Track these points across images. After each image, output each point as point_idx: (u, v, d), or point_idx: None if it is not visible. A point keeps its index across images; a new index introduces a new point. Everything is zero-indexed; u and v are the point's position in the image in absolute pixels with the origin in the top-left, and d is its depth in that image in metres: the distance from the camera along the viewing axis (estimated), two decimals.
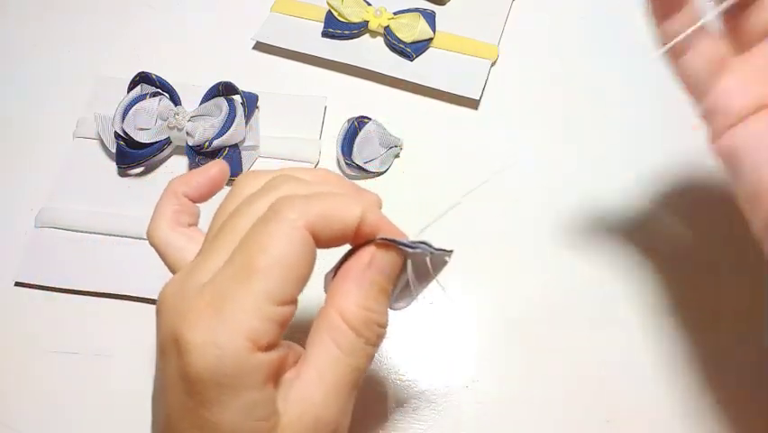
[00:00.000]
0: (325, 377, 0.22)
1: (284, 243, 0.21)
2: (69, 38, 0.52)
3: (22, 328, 0.40)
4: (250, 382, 0.21)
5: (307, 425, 0.22)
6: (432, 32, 0.47)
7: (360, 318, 0.22)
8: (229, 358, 0.20)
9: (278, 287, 0.21)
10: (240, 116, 0.42)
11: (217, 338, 0.20)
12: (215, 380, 0.20)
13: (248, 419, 0.21)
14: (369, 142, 0.43)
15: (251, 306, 0.21)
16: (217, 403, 0.20)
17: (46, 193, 0.44)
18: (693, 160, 0.44)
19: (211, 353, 0.20)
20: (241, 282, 0.21)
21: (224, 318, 0.20)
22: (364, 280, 0.23)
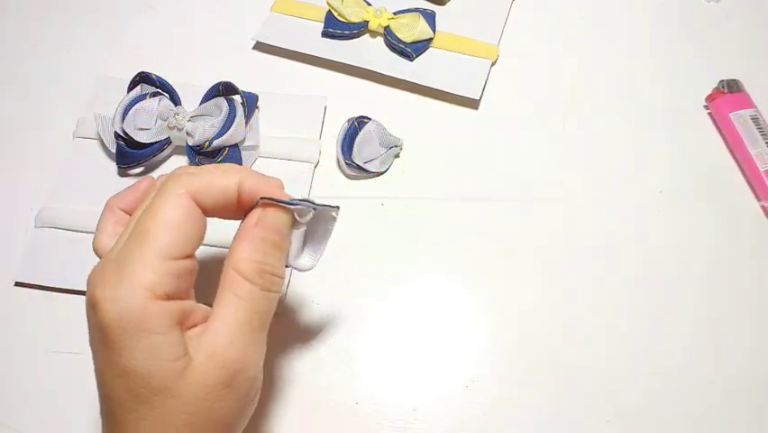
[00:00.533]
0: (228, 321, 0.25)
1: (170, 207, 0.25)
2: (69, 38, 0.52)
3: (22, 328, 0.40)
4: (151, 326, 0.24)
5: (216, 363, 0.25)
6: (432, 32, 0.47)
7: (251, 269, 0.26)
8: (129, 307, 0.24)
9: (168, 244, 0.25)
10: (240, 116, 0.42)
11: (119, 292, 0.24)
12: (121, 327, 0.24)
13: (156, 360, 0.24)
14: (369, 142, 0.43)
15: (145, 262, 0.24)
16: (126, 348, 0.24)
17: (46, 193, 0.44)
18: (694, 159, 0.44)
19: (115, 304, 0.24)
20: (137, 244, 0.25)
21: (125, 275, 0.24)
22: (253, 236, 0.27)
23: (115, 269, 0.25)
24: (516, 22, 0.51)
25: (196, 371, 0.25)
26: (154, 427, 0.24)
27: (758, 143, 0.43)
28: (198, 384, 0.25)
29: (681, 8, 0.51)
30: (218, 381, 0.25)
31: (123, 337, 0.24)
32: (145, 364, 0.24)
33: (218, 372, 0.25)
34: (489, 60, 0.47)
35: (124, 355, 0.24)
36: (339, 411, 0.36)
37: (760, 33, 0.50)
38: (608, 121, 0.46)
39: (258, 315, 0.26)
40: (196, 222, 0.26)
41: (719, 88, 0.46)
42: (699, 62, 0.48)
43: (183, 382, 0.24)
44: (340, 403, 0.37)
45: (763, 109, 0.45)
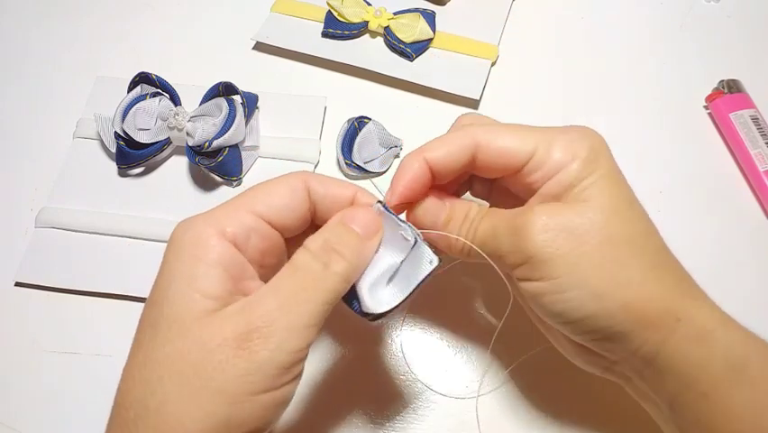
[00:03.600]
0: (272, 283, 0.25)
1: (281, 181, 0.28)
2: (70, 38, 0.52)
3: (22, 328, 0.40)
4: (203, 254, 0.25)
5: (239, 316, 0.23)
6: (432, 32, 0.47)
7: (317, 243, 0.26)
8: (193, 232, 0.25)
9: (258, 201, 0.27)
10: (240, 116, 0.42)
11: (192, 221, 0.26)
12: (176, 248, 0.25)
13: (189, 289, 0.24)
14: (369, 142, 0.43)
15: (228, 207, 0.26)
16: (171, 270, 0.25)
17: (46, 193, 0.44)
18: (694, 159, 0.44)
19: (183, 229, 0.26)
20: (237, 199, 0.27)
21: (206, 214, 0.26)
22: (331, 221, 0.28)
23: (205, 213, 0.27)
24: (516, 22, 0.51)
25: (219, 318, 0.23)
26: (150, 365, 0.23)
27: (758, 143, 0.43)
28: (213, 331, 0.23)
29: (680, 8, 0.51)
30: (233, 333, 0.23)
31: (173, 261, 0.25)
32: (178, 290, 0.24)
33: (236, 324, 0.23)
34: (488, 60, 0.47)
35: (165, 278, 0.25)
36: (339, 411, 0.36)
37: (760, 33, 0.50)
38: (608, 121, 0.46)
39: (305, 288, 0.24)
40: (297, 201, 0.27)
41: (719, 88, 0.46)
42: (699, 62, 0.48)
43: (201, 325, 0.23)
44: (340, 403, 0.36)
45: (763, 109, 0.45)
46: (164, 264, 0.26)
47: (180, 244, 0.25)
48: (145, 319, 0.25)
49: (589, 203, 0.27)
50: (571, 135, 0.28)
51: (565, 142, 0.28)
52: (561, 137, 0.28)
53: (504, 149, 0.28)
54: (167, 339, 0.23)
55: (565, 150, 0.28)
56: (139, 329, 0.25)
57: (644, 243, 0.28)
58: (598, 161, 0.28)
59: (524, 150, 0.28)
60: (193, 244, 0.25)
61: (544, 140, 0.28)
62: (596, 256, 0.26)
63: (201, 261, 0.25)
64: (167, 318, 0.24)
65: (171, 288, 0.24)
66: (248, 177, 0.44)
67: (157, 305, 0.24)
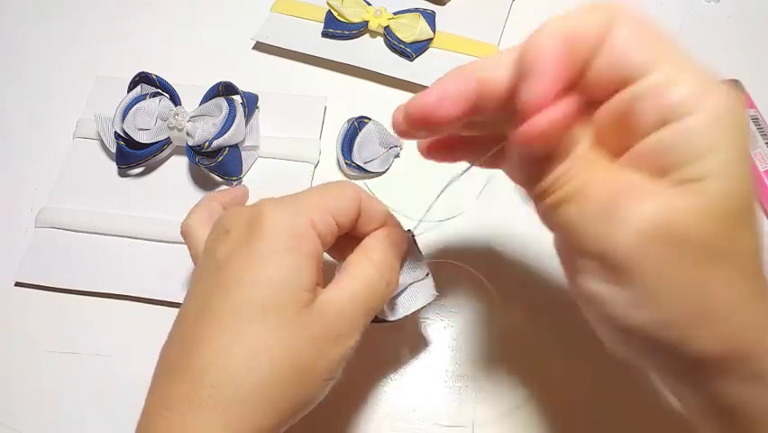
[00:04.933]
0: (350, 288, 0.27)
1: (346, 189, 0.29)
2: (70, 38, 0.52)
3: (22, 328, 0.40)
4: (305, 247, 0.26)
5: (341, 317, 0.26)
6: (432, 32, 0.47)
7: (381, 261, 0.28)
8: (294, 224, 0.26)
9: (336, 207, 0.28)
10: (240, 116, 0.42)
11: (288, 211, 0.26)
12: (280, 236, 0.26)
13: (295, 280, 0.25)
14: (369, 142, 0.43)
15: (313, 203, 0.27)
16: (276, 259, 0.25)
17: (46, 193, 0.44)
18: None
19: (282, 218, 0.26)
20: (309, 193, 0.28)
21: (295, 205, 0.27)
22: (384, 240, 0.29)
23: (284, 200, 0.27)
24: (516, 22, 0.51)
25: (318, 314, 0.26)
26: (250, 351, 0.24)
27: (758, 143, 0.43)
28: (319, 327, 0.26)
29: (680, 8, 0.51)
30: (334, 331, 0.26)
31: (277, 246, 0.25)
32: (283, 280, 0.25)
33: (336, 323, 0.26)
34: None
35: (268, 263, 0.25)
36: (339, 411, 0.36)
37: (760, 33, 0.50)
38: None
39: (368, 296, 0.27)
40: (356, 208, 0.29)
41: None
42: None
43: (304, 318, 0.25)
44: (340, 403, 0.36)
45: (763, 109, 0.45)
46: (258, 251, 0.25)
47: (278, 234, 0.26)
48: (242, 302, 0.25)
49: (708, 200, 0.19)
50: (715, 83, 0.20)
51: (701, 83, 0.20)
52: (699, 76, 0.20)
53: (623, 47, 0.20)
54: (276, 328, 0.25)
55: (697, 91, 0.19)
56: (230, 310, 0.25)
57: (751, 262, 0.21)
58: (736, 129, 0.20)
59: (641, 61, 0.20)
60: (292, 235, 0.26)
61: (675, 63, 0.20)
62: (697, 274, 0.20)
63: (303, 254, 0.26)
64: (274, 308, 0.25)
65: (276, 278, 0.25)
66: (248, 177, 0.44)
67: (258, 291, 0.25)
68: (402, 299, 0.32)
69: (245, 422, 0.24)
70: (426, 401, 0.36)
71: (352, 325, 0.27)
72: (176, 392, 0.24)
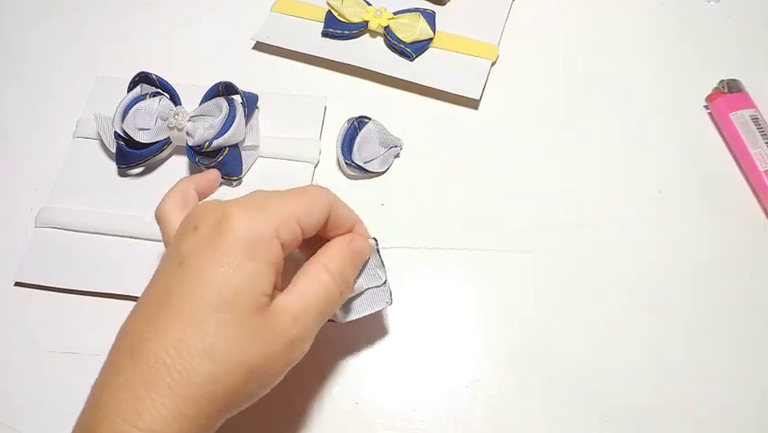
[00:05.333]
0: (306, 295, 0.29)
1: (317, 195, 0.30)
2: (69, 38, 0.52)
3: (22, 328, 0.40)
4: (266, 255, 0.27)
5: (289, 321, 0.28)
6: (432, 32, 0.47)
7: (336, 269, 0.30)
8: (260, 230, 0.27)
9: (302, 213, 0.29)
10: (240, 116, 0.42)
11: (255, 216, 0.27)
12: (244, 242, 0.27)
13: (253, 284, 0.27)
14: (369, 142, 0.43)
15: (281, 209, 0.28)
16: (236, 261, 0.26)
17: (46, 193, 0.44)
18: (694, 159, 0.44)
19: (249, 222, 0.27)
20: (277, 199, 0.29)
21: (262, 210, 0.28)
22: (344, 249, 0.31)
23: (253, 205, 0.28)
24: (516, 22, 0.51)
25: (271, 317, 0.27)
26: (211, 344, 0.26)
27: (758, 143, 0.43)
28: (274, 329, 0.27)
29: (680, 8, 0.51)
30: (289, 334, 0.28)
31: (240, 250, 0.27)
32: (242, 283, 0.26)
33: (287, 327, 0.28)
34: (488, 60, 0.47)
35: (230, 265, 0.26)
36: (339, 411, 0.36)
37: (760, 33, 0.50)
38: (608, 121, 0.46)
39: (322, 305, 0.29)
40: (324, 215, 0.30)
41: (719, 88, 0.46)
42: (699, 62, 0.48)
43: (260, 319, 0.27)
44: (340, 403, 0.37)
45: (763, 109, 0.45)
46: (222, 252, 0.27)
47: (244, 238, 0.27)
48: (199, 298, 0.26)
49: None
50: None
51: None
52: None
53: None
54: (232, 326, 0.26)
55: None
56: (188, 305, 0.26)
57: None
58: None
59: None
60: (255, 242, 0.27)
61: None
62: None
63: (264, 261, 0.27)
64: (232, 307, 0.26)
65: (236, 280, 0.26)
66: (248, 177, 0.44)
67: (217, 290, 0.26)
68: (356, 303, 0.33)
69: (194, 407, 0.25)
70: (426, 401, 0.36)
71: (305, 330, 0.28)
72: (132, 374, 0.26)
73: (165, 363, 0.25)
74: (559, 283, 0.40)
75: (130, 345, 0.27)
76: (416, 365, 0.38)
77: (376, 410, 0.36)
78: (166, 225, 0.32)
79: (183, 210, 0.32)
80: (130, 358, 0.26)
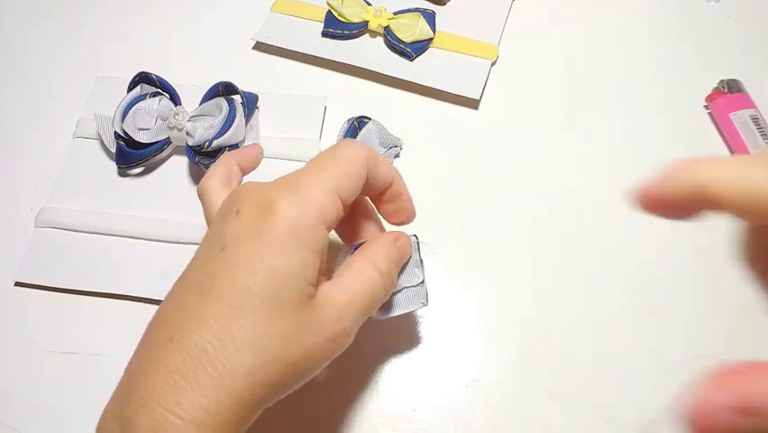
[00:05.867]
0: (352, 289, 0.28)
1: (351, 156, 0.28)
2: (69, 38, 0.52)
3: (22, 328, 0.40)
4: (313, 243, 0.26)
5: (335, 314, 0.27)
6: (432, 32, 0.47)
7: (384, 266, 0.29)
8: (306, 217, 0.26)
9: (341, 183, 0.27)
10: (240, 116, 0.42)
11: (299, 200, 0.26)
12: (291, 230, 0.26)
13: (301, 274, 0.26)
14: (369, 142, 0.43)
15: (321, 188, 0.27)
16: (282, 250, 0.25)
17: (46, 193, 0.44)
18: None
19: (295, 209, 0.26)
20: (314, 173, 0.28)
21: (305, 193, 0.27)
22: (392, 246, 0.30)
23: (289, 187, 0.27)
24: (516, 22, 0.51)
25: (318, 310, 0.27)
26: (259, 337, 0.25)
27: (758, 143, 0.43)
28: (314, 321, 0.26)
29: (680, 8, 0.51)
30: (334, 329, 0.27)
31: (288, 239, 0.26)
32: (291, 274, 0.26)
33: (332, 323, 0.27)
34: (488, 60, 0.47)
35: (277, 255, 0.26)
36: (339, 411, 0.36)
37: (760, 33, 0.50)
38: (608, 121, 0.46)
39: (368, 302, 0.29)
40: (362, 178, 0.29)
41: (719, 88, 0.46)
42: (699, 62, 0.48)
43: (307, 312, 0.26)
44: (340, 403, 0.36)
45: (763, 109, 0.45)
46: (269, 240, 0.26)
47: (292, 226, 0.26)
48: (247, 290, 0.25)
49: None
50: None
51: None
52: None
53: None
54: (280, 319, 0.26)
55: None
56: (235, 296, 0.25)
57: None
58: None
59: None
60: (301, 227, 0.26)
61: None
62: None
63: (312, 250, 0.26)
64: (279, 299, 0.26)
65: (284, 270, 0.26)
66: (248, 177, 0.44)
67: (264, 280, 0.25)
68: (393, 301, 0.33)
69: (236, 399, 0.25)
70: (426, 401, 0.36)
71: (349, 325, 0.28)
72: (172, 362, 0.25)
73: (208, 354, 0.25)
74: (559, 283, 0.40)
75: (170, 332, 0.26)
76: (416, 365, 0.38)
77: (376, 410, 0.36)
78: (208, 203, 0.31)
79: (226, 187, 0.31)
80: (170, 346, 0.25)
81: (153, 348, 0.26)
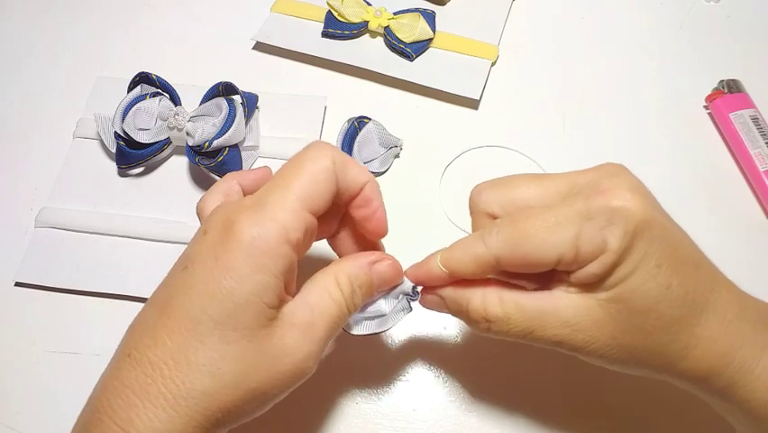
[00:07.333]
0: (316, 309, 0.27)
1: (313, 162, 0.27)
2: (70, 38, 0.52)
3: (22, 328, 0.40)
4: (274, 265, 0.25)
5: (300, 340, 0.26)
6: (432, 32, 0.47)
7: (347, 288, 0.28)
8: (267, 237, 0.25)
9: (307, 194, 0.26)
10: (240, 117, 0.42)
11: (260, 220, 0.25)
12: (250, 252, 0.25)
13: (259, 297, 0.25)
14: (369, 142, 0.43)
15: (285, 204, 0.26)
16: (240, 272, 0.25)
17: (46, 193, 0.44)
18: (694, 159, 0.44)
19: (255, 228, 0.25)
20: (278, 189, 0.26)
21: (265, 211, 0.25)
22: (364, 267, 0.29)
23: (254, 206, 0.26)
24: (516, 22, 0.51)
25: (279, 331, 0.26)
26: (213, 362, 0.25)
27: (758, 143, 0.43)
28: (275, 343, 0.26)
29: (680, 8, 0.51)
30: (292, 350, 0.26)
31: (244, 262, 0.25)
32: (247, 297, 0.25)
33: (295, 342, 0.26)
34: (489, 60, 0.47)
35: (234, 278, 0.25)
36: (339, 411, 0.36)
37: (760, 33, 0.50)
38: (608, 121, 0.46)
39: (335, 321, 0.27)
40: (331, 185, 0.27)
41: (719, 88, 0.46)
42: (699, 62, 0.48)
43: (265, 334, 0.25)
44: (340, 403, 0.37)
45: (763, 109, 0.45)
46: (228, 263, 0.25)
47: (251, 249, 0.25)
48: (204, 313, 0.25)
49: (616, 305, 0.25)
50: (599, 220, 0.25)
51: (592, 233, 0.25)
52: (588, 228, 0.25)
53: (526, 259, 0.26)
54: (233, 343, 0.25)
55: (592, 242, 0.25)
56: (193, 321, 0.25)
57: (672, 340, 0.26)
58: (634, 246, 0.25)
59: (548, 259, 0.25)
60: (262, 251, 0.25)
61: (568, 239, 0.25)
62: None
63: (271, 273, 0.25)
64: (234, 323, 0.25)
65: (241, 294, 0.25)
66: None
67: (221, 304, 0.25)
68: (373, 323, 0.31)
69: (189, 421, 0.24)
70: (426, 401, 0.36)
71: (312, 349, 0.27)
72: (127, 379, 0.25)
73: (162, 373, 0.24)
74: None
75: (129, 347, 0.26)
76: (416, 365, 0.38)
77: (376, 410, 0.36)
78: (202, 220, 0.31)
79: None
80: (127, 361, 0.25)
81: (114, 363, 0.26)
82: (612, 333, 0.26)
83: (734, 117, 0.44)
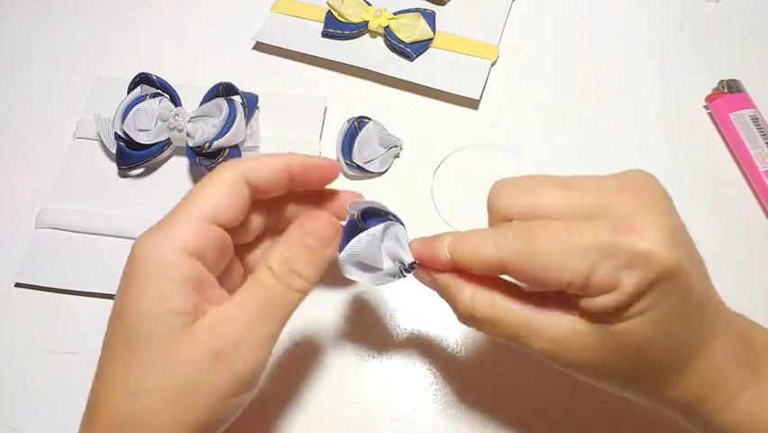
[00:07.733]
0: (240, 301, 0.27)
1: (216, 178, 0.28)
2: (70, 39, 0.52)
3: (22, 328, 0.40)
4: (169, 273, 0.25)
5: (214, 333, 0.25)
6: (432, 32, 0.47)
7: (277, 262, 0.27)
8: (157, 252, 0.26)
9: (208, 207, 0.27)
10: (240, 117, 0.42)
11: (153, 241, 0.26)
12: (143, 269, 0.25)
13: (161, 307, 0.25)
14: (369, 142, 0.43)
15: (183, 219, 0.27)
16: (138, 289, 0.25)
17: (46, 193, 0.44)
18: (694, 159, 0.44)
19: (145, 249, 0.26)
20: (180, 207, 0.27)
21: (162, 229, 0.27)
22: (290, 234, 0.28)
23: (154, 227, 0.27)
24: (516, 22, 0.51)
25: (195, 335, 0.25)
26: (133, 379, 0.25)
27: (758, 143, 0.43)
28: (192, 349, 0.25)
29: (680, 8, 0.51)
30: (210, 350, 0.25)
31: (140, 280, 0.25)
32: (149, 309, 0.25)
33: (212, 341, 0.25)
34: (489, 60, 0.47)
35: (133, 296, 0.25)
36: (339, 411, 0.36)
37: (760, 33, 0.50)
38: (608, 121, 0.46)
39: (270, 306, 0.27)
40: (239, 194, 0.28)
41: (719, 88, 0.46)
42: (699, 62, 0.48)
43: (178, 341, 0.25)
44: (340, 403, 0.37)
45: (763, 109, 0.45)
46: (128, 283, 0.26)
47: (143, 263, 0.26)
48: (118, 335, 0.26)
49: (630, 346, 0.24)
50: (619, 258, 0.23)
51: (608, 270, 0.23)
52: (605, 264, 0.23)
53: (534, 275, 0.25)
54: (146, 356, 0.25)
55: (606, 279, 0.23)
56: (112, 344, 0.26)
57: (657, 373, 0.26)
58: (648, 293, 0.23)
59: (557, 281, 0.24)
60: (158, 264, 0.26)
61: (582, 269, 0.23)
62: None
63: (168, 280, 0.25)
64: (144, 336, 0.25)
65: (142, 307, 0.25)
66: None
67: (129, 322, 0.25)
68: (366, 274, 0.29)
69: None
70: (426, 401, 0.36)
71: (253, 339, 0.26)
72: (86, 411, 0.26)
73: (100, 408, 0.26)
74: None
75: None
76: (416, 365, 0.38)
77: (376, 410, 0.36)
78: None
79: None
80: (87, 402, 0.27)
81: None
82: (598, 359, 0.25)
83: (734, 117, 0.44)
